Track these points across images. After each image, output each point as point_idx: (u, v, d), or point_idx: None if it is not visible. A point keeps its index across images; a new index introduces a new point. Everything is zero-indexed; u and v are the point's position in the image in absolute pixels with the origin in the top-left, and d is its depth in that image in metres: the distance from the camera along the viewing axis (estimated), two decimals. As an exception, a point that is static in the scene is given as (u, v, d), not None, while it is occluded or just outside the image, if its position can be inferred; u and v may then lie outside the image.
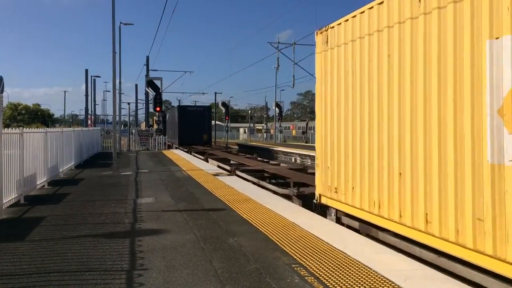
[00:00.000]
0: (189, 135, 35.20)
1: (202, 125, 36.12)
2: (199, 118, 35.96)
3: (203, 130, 36.08)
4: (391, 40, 6.39)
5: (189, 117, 35.85)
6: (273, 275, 4.82)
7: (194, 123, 35.54)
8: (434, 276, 4.78)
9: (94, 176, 14.90)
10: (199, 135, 35.54)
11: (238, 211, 8.40)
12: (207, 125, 36.92)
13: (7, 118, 68.33)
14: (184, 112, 36.67)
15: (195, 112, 36.98)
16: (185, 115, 36.10)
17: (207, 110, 38.28)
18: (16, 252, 5.75)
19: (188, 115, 36.05)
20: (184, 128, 35.50)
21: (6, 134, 8.57)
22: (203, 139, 35.91)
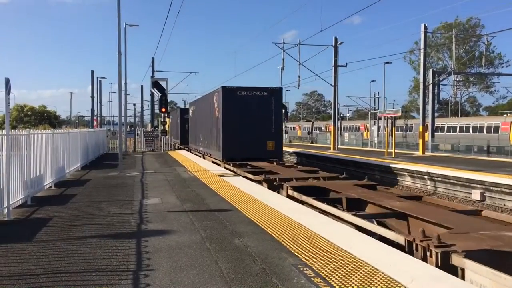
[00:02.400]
0: (239, 141, 18.76)
1: (267, 124, 19.19)
2: (260, 110, 19.16)
3: (267, 132, 19.20)
4: None
5: (242, 108, 18.92)
6: (279, 276, 4.82)
7: (251, 120, 19.00)
8: (440, 277, 4.75)
9: (100, 177, 14.96)
10: (259, 141, 19.07)
11: (244, 211, 8.41)
12: (275, 123, 19.46)
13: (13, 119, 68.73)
14: (233, 99, 19.02)
15: (253, 99, 19.26)
16: (233, 106, 18.95)
17: (275, 95, 19.53)
18: (24, 253, 5.79)
19: (240, 105, 18.97)
20: (232, 130, 18.83)
21: (13, 135, 8.63)
22: (267, 148, 19.34)
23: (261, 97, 19.37)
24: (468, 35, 58.40)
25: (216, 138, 20.16)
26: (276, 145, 19.45)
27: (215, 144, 20.49)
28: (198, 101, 27.72)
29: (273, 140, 19.34)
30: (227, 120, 18.90)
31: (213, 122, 20.65)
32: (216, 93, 20.12)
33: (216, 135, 19.98)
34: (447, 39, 56.53)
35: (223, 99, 18.96)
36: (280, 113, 19.83)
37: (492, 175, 14.70)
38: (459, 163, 19.16)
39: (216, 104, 19.88)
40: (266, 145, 19.18)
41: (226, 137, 18.93)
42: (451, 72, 37.96)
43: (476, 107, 75.32)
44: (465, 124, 41.67)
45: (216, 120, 19.97)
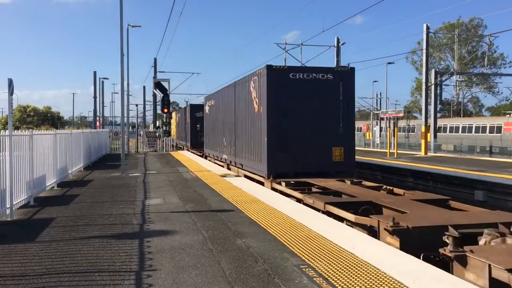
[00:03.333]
0: (292, 149, 12.96)
1: (332, 121, 13.26)
2: (323, 101, 13.26)
3: (333, 134, 13.27)
4: None
5: (296, 98, 13.06)
6: (282, 276, 4.82)
7: (310, 116, 13.18)
8: (443, 277, 4.75)
9: (102, 177, 14.99)
10: (322, 147, 13.13)
11: (246, 212, 8.41)
12: (344, 120, 13.37)
13: (16, 120, 68.94)
14: (283, 85, 13.03)
15: (312, 84, 13.20)
16: (284, 95, 13.00)
17: (344, 79, 13.40)
18: (27, 253, 5.80)
19: (293, 94, 13.04)
20: (282, 131, 12.97)
21: (16, 136, 8.65)
22: (333, 158, 13.24)
23: (324, 81, 12.98)
24: (471, 35, 58.27)
25: (255, 144, 13.92)
26: (346, 153, 13.00)
27: (252, 152, 14.23)
28: (220, 92, 20.21)
29: (342, 146, 13.00)
30: (274, 117, 12.72)
31: (249, 120, 14.62)
32: (255, 77, 13.87)
33: (255, 139, 13.84)
34: (449, 39, 56.47)
35: (268, 86, 12.72)
36: (352, 105, 13.49)
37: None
38: (463, 164, 19.09)
39: (255, 93, 13.82)
40: (332, 154, 12.92)
41: (273, 143, 12.68)
42: (454, 73, 37.89)
43: (479, 107, 75.18)
44: (467, 124, 41.56)
45: (255, 117, 13.95)
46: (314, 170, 12.87)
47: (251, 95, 14.35)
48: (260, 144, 13.40)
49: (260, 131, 13.40)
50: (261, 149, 13.28)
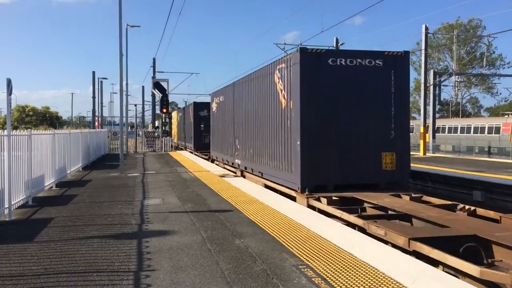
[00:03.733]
0: (332, 154, 10.52)
1: (382, 120, 10.85)
2: (370, 93, 10.79)
3: (383, 135, 10.83)
4: None
5: (336, 90, 10.58)
6: (280, 276, 4.82)
7: (353, 113, 10.73)
8: (441, 277, 4.75)
9: (101, 177, 14.97)
10: (369, 153, 10.74)
11: (245, 212, 8.41)
12: (397, 117, 10.90)
13: (15, 120, 68.85)
14: (319, 74, 10.47)
15: (356, 72, 10.71)
16: (320, 85, 10.46)
17: (397, 66, 10.86)
18: (25, 253, 5.79)
19: (332, 85, 10.56)
20: (318, 133, 10.45)
21: (14, 136, 8.64)
22: (383, 166, 10.77)
23: (372, 69, 10.61)
24: (469, 36, 58.35)
25: (282, 147, 11.49)
26: (398, 160, 10.67)
27: (277, 158, 11.82)
28: (232, 87, 17.74)
29: (393, 150, 10.66)
30: (310, 114, 10.24)
31: (273, 118, 12.19)
32: (281, 65, 11.51)
33: (282, 142, 11.41)
34: (448, 40, 56.54)
35: (302, 74, 10.23)
36: (405, 100, 11.02)
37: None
38: (461, 164, 19.10)
39: (282, 84, 11.38)
40: (382, 161, 10.58)
41: (308, 147, 10.21)
42: (452, 73, 37.97)
43: (478, 108, 75.26)
44: (466, 125, 41.62)
45: (281, 114, 11.50)
46: (359, 181, 10.52)
47: (276, 87, 11.92)
48: (290, 148, 10.80)
49: (290, 131, 10.86)
50: (292, 155, 10.67)
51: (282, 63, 11.70)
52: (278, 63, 12.00)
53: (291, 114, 10.83)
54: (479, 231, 6.65)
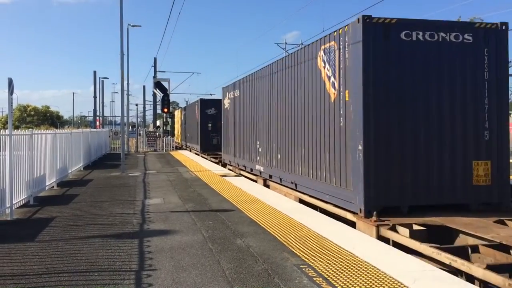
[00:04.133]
0: (406, 163, 7.74)
1: (471, 116, 8.06)
2: (456, 78, 7.99)
3: (474, 137, 8.04)
4: None
5: (411, 75, 7.82)
6: (281, 276, 4.82)
7: (434, 107, 7.91)
8: (443, 277, 4.74)
9: (102, 177, 14.98)
10: (456, 161, 7.97)
11: (246, 212, 8.41)
12: (492, 112, 8.08)
13: (16, 119, 68.92)
14: (389, 53, 7.75)
15: (438, 51, 7.93)
16: (390, 68, 7.75)
17: (491, 41, 8.10)
18: (26, 253, 5.80)
19: (406, 68, 7.81)
20: (387, 134, 7.72)
21: (16, 135, 8.65)
22: (474, 180, 7.96)
23: (458, 46, 8.13)
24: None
25: (330, 154, 8.96)
26: (494, 171, 8.09)
27: (325, 168, 9.14)
28: (252, 78, 15.08)
29: (488, 158, 8.10)
30: (374, 109, 7.78)
31: (315, 114, 9.69)
32: (330, 44, 8.95)
33: (332, 146, 8.88)
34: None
35: (365, 53, 7.72)
36: (505, 89, 8.38)
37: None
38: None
39: (330, 69, 8.94)
40: (472, 172, 8.06)
41: (373, 154, 7.68)
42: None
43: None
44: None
45: (329, 109, 8.99)
46: (442, 201, 7.93)
47: (321, 74, 9.26)
48: (344, 154, 8.30)
49: (344, 132, 8.31)
50: (347, 164, 8.13)
51: (330, 40, 8.85)
52: (323, 42, 9.15)
53: (346, 108, 8.19)
54: None
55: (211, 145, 24.99)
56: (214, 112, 24.68)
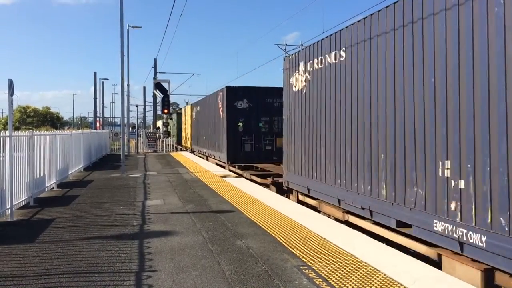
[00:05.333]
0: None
1: None
2: None
3: None
4: None
5: None
6: (282, 277, 4.82)
7: None
8: (442, 278, 4.75)
9: (102, 178, 14.98)
10: None
11: (246, 213, 8.41)
12: None
13: (16, 121, 68.94)
14: None
15: None
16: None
17: None
18: (26, 254, 5.80)
19: None
20: None
21: (16, 136, 8.66)
22: None
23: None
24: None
25: None
26: None
27: None
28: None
29: None
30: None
31: None
32: None
33: None
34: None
35: None
36: None
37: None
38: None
39: None
40: None
41: None
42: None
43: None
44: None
45: None
46: None
47: None
48: None
49: None
50: None
51: None
52: None
53: None
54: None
55: (243, 153, 18.16)
56: (246, 106, 18.28)
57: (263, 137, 18.21)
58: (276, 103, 17.83)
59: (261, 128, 18.19)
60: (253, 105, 18.21)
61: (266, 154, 18.11)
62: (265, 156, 18.03)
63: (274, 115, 18.02)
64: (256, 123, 18.17)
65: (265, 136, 18.24)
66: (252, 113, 18.23)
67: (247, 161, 17.92)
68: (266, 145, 18.27)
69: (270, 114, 18.26)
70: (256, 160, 17.69)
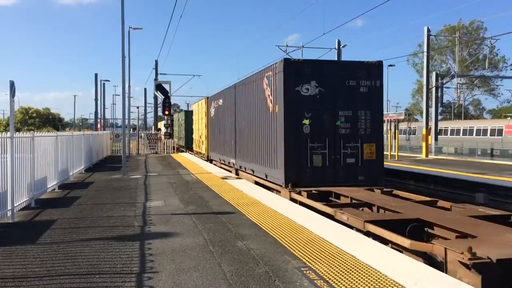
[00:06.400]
0: None
1: None
2: None
3: None
4: None
5: None
6: (282, 279, 4.82)
7: None
8: (444, 279, 4.74)
9: (103, 179, 14.99)
10: None
11: (247, 214, 8.41)
12: None
13: (18, 122, 69.06)
14: None
15: None
16: None
17: None
18: (27, 255, 5.81)
19: None
20: None
21: (17, 138, 8.67)
22: None
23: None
24: (471, 38, 58.27)
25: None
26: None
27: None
28: None
29: None
30: None
31: None
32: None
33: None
34: (450, 42, 56.48)
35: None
36: None
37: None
38: (464, 166, 19.04)
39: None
40: None
41: None
42: (455, 75, 37.94)
43: (480, 110, 75.10)
44: (468, 127, 41.55)
45: None
46: None
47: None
48: None
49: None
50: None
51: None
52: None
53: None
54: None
55: (310, 169, 11.53)
56: (316, 92, 11.56)
57: (342, 143, 11.54)
58: (363, 87, 11.68)
59: (339, 128, 11.58)
60: (327, 90, 11.48)
61: (347, 171, 11.57)
62: (345, 173, 11.53)
63: (360, 107, 11.62)
64: (332, 120, 11.54)
65: (345, 142, 11.58)
66: (325, 104, 11.50)
67: (316, 182, 11.26)
68: (347, 155, 11.58)
69: (353, 105, 11.60)
70: (332, 181, 11.35)
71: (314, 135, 11.46)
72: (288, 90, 11.39)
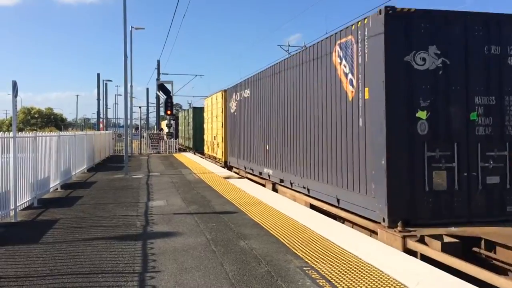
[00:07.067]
0: None
1: None
2: None
3: None
4: None
5: None
6: (285, 278, 4.82)
7: None
8: (446, 278, 4.73)
9: (106, 179, 15.01)
10: None
11: (249, 214, 8.41)
12: None
13: (20, 122, 69.21)
14: None
15: None
16: None
17: None
18: (30, 255, 5.82)
19: None
20: None
21: (20, 138, 8.69)
22: None
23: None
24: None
25: None
26: None
27: None
28: None
29: None
30: None
31: None
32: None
33: None
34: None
35: None
36: None
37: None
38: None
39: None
40: None
41: None
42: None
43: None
44: None
45: None
46: None
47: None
48: None
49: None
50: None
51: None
52: None
53: None
54: None
55: (428, 195, 7.06)
56: (439, 64, 7.18)
57: (480, 150, 7.30)
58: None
59: (475, 125, 7.32)
60: (454, 62, 7.29)
61: (488, 197, 7.26)
62: (484, 201, 7.23)
63: (509, 90, 7.42)
64: (462, 112, 7.32)
65: (485, 149, 7.31)
66: (452, 86, 7.29)
67: (439, 216, 7.07)
68: (487, 171, 7.27)
69: (497, 86, 7.42)
70: (463, 214, 7.14)
71: (435, 137, 7.14)
72: (392, 61, 7.05)
